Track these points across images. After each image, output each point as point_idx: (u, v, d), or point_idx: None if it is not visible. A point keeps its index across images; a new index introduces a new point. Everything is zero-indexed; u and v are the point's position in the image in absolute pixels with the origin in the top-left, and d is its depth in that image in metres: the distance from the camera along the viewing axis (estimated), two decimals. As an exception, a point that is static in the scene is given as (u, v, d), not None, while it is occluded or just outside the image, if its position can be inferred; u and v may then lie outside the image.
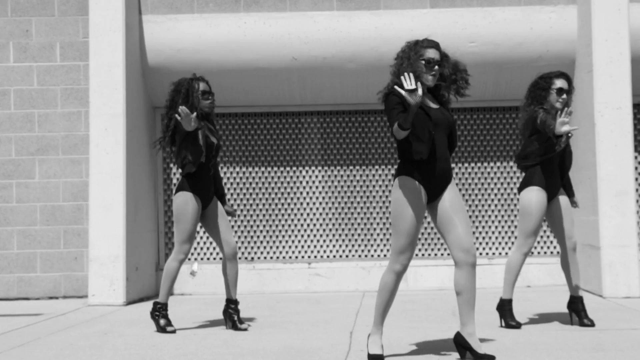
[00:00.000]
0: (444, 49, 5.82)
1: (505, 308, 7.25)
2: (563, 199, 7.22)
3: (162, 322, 7.35)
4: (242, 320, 7.51)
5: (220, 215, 7.44)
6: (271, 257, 10.86)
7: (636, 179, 10.68)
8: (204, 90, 7.37)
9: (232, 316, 7.44)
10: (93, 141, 9.74)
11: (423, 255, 10.77)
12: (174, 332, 7.31)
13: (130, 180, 9.83)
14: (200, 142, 7.28)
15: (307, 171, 10.89)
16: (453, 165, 10.80)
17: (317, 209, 10.86)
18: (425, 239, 10.75)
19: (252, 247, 10.86)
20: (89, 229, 9.67)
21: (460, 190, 10.82)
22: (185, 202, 7.29)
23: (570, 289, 7.25)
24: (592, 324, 7.10)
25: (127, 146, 9.77)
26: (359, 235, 10.84)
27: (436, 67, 5.68)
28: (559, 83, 7.16)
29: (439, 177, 5.68)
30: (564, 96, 7.16)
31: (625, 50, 9.65)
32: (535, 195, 7.11)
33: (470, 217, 10.80)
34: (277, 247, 10.88)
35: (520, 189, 7.23)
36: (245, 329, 7.34)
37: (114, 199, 9.64)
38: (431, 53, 5.68)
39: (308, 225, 10.88)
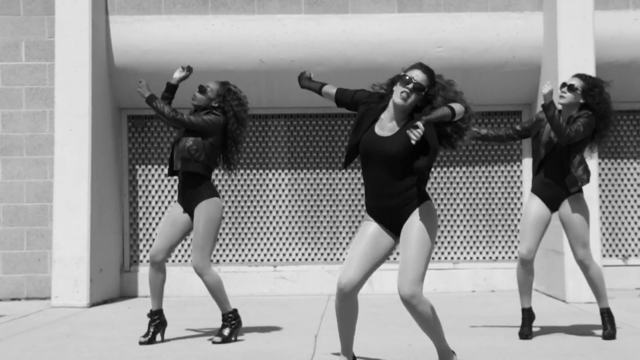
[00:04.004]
0: (449, 83, 5.27)
1: (522, 316, 6.96)
2: (571, 207, 6.87)
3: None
4: (221, 335, 6.84)
5: (194, 228, 6.84)
6: (236, 260, 10.84)
7: (599, 186, 10.77)
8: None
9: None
10: (58, 142, 9.67)
11: (389, 259, 10.77)
12: (141, 342, 6.78)
13: (95, 182, 9.77)
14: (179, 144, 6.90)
15: (273, 174, 10.87)
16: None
17: (283, 212, 10.85)
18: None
19: (217, 250, 10.83)
20: (53, 230, 9.60)
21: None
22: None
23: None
24: (610, 337, 6.74)
25: (93, 147, 9.71)
26: (324, 238, 10.84)
27: (410, 85, 5.00)
28: (569, 80, 6.88)
29: (382, 212, 5.11)
30: (563, 89, 6.83)
31: (590, 57, 9.72)
32: (527, 201, 7.01)
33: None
34: (243, 250, 10.86)
35: None
36: (215, 343, 6.77)
37: (78, 200, 9.57)
38: (414, 73, 5.07)
39: (274, 228, 10.86)
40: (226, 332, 6.85)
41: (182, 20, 10.27)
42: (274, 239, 10.86)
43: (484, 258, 10.86)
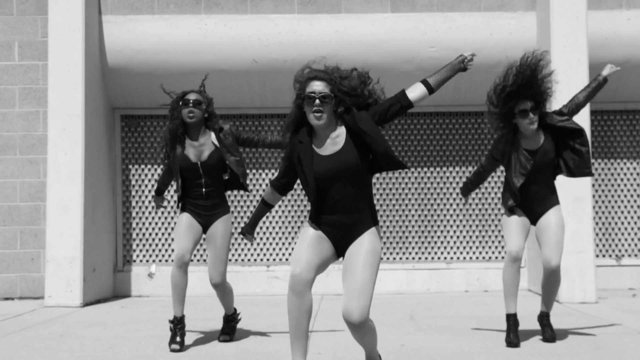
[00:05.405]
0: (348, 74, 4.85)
1: (507, 322, 6.79)
2: (549, 218, 6.73)
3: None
4: (228, 333, 7.00)
5: (211, 242, 6.78)
6: (230, 260, 10.83)
7: (592, 186, 10.79)
8: (186, 100, 6.82)
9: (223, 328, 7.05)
10: (51, 141, 9.66)
11: (381, 259, 10.78)
12: (175, 350, 6.52)
13: (89, 181, 9.76)
14: (175, 167, 6.74)
15: (266, 174, 10.87)
16: (412, 169, 10.84)
17: (277, 211, 10.85)
18: (384, 243, 10.77)
19: (210, 250, 10.81)
20: (46, 229, 9.59)
21: (419, 194, 10.86)
22: (178, 218, 6.87)
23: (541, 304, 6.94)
24: (551, 340, 6.69)
25: (86, 147, 9.70)
26: (318, 238, 10.82)
27: (317, 102, 4.72)
28: (521, 106, 6.83)
29: (336, 227, 4.87)
30: (531, 116, 6.74)
31: (583, 57, 9.74)
32: (506, 213, 6.85)
33: (429, 221, 10.86)
34: (236, 250, 10.86)
35: None
36: (225, 341, 6.91)
37: (71, 200, 9.56)
38: (313, 86, 4.76)
39: (267, 228, 10.86)
40: (231, 330, 7.03)
41: (174, 20, 10.26)
42: (267, 238, 10.86)
43: (477, 258, 10.87)
